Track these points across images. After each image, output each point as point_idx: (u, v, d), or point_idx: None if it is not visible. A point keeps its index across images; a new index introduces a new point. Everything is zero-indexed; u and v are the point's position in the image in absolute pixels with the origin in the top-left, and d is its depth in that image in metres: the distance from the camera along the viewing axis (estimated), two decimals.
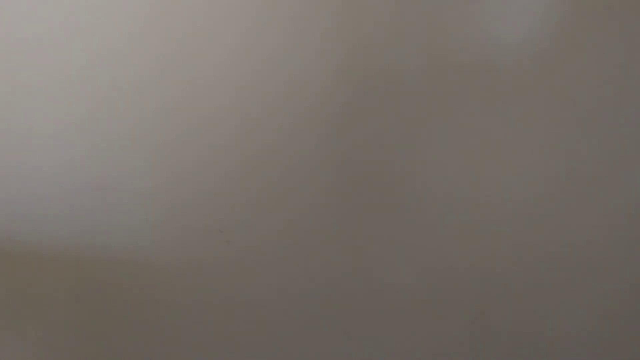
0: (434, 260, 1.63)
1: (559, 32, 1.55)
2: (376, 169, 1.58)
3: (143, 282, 1.57)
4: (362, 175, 1.58)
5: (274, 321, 1.62)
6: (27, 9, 1.44)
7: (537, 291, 1.65)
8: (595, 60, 1.56)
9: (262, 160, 1.55)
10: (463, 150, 1.58)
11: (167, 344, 1.60)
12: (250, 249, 1.58)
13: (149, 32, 1.48)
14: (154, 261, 1.56)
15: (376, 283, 1.63)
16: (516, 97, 1.57)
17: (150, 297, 1.58)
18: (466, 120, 1.57)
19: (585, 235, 1.63)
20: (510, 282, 1.64)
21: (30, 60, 1.47)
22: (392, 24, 1.52)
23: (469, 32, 1.53)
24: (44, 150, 1.50)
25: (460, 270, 1.63)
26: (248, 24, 1.50)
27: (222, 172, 1.55)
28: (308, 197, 1.57)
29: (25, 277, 1.55)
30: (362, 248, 1.61)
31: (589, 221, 1.62)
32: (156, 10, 1.47)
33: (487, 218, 1.62)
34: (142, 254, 1.56)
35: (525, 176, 1.60)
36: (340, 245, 1.60)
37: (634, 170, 1.60)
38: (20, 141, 1.49)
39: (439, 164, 1.58)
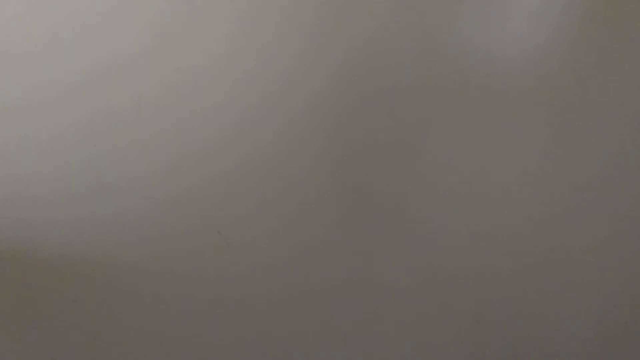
0: (433, 264, 1.63)
1: (557, 34, 1.55)
2: (376, 173, 1.58)
3: (142, 284, 1.58)
4: (363, 179, 1.58)
5: (274, 324, 1.62)
6: (31, 14, 1.44)
7: (537, 295, 1.65)
8: (594, 62, 1.56)
9: (262, 163, 1.55)
10: (462, 154, 1.58)
11: (167, 346, 1.61)
12: (249, 251, 1.58)
13: (150, 37, 1.48)
14: (153, 263, 1.57)
15: (376, 286, 1.63)
16: (515, 100, 1.56)
17: (149, 299, 1.59)
18: (466, 123, 1.57)
19: (584, 240, 1.63)
20: (510, 286, 1.64)
21: (33, 66, 1.47)
22: (391, 27, 1.52)
23: (466, 35, 1.53)
24: (44, 154, 1.50)
25: (460, 274, 1.63)
26: (248, 26, 1.49)
27: (222, 173, 1.55)
28: (308, 200, 1.58)
29: (25, 279, 1.56)
30: (362, 252, 1.61)
31: (588, 226, 1.62)
32: (158, 14, 1.47)
33: (486, 222, 1.62)
34: (142, 256, 1.56)
35: (525, 181, 1.60)
36: (340, 249, 1.60)
37: (633, 174, 1.60)
38: (21, 145, 1.50)
39: (438, 168, 1.58)
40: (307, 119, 1.54)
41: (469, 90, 1.55)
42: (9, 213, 1.52)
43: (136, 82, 1.49)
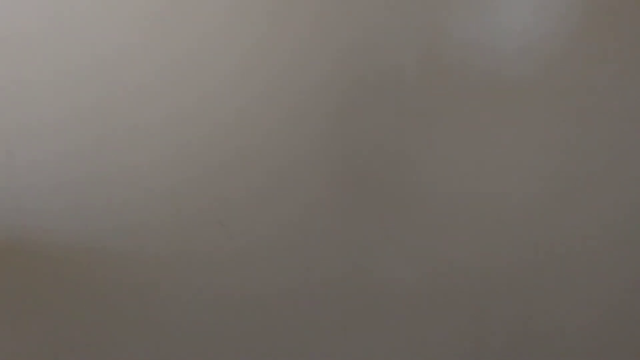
0: (434, 257, 1.63)
1: (558, 31, 1.55)
2: (378, 166, 1.58)
3: (142, 275, 1.57)
4: (364, 171, 1.58)
5: (273, 317, 1.62)
6: (29, 1, 1.44)
7: (538, 290, 1.65)
8: (595, 59, 1.56)
9: (263, 153, 1.55)
10: (463, 148, 1.58)
11: (167, 338, 1.60)
12: (250, 242, 1.58)
13: (153, 28, 1.48)
14: (153, 254, 1.56)
15: (377, 280, 1.63)
16: (518, 95, 1.57)
17: (149, 290, 1.58)
18: (468, 117, 1.57)
19: (585, 235, 1.63)
20: (511, 280, 1.64)
21: (30, 54, 1.47)
22: (393, 20, 1.52)
23: (469, 29, 1.53)
24: (42, 144, 1.50)
25: (461, 268, 1.63)
26: (249, 15, 1.49)
27: (223, 163, 1.54)
28: (309, 191, 1.57)
29: (22, 269, 1.55)
30: (364, 245, 1.61)
31: (589, 221, 1.63)
32: (160, 7, 1.47)
33: (487, 216, 1.62)
34: (141, 247, 1.56)
35: (526, 175, 1.60)
36: (341, 241, 1.60)
37: (634, 169, 1.60)
38: (18, 134, 1.49)
39: (439, 162, 1.58)
40: (309, 110, 1.54)
41: (471, 85, 1.56)
42: (6, 202, 1.51)
43: (135, 71, 1.49)
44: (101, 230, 1.54)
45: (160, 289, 1.58)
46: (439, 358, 1.66)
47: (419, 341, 1.66)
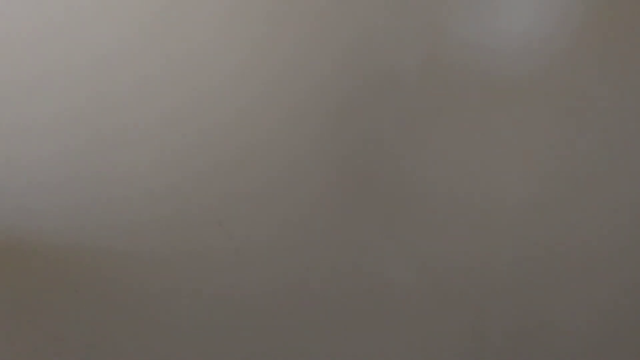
0: (434, 257, 1.63)
1: (558, 31, 1.55)
2: (377, 165, 1.58)
3: (141, 275, 1.57)
4: (364, 171, 1.58)
5: (273, 317, 1.62)
6: (31, 2, 1.44)
7: (537, 290, 1.65)
8: (595, 59, 1.56)
9: (263, 154, 1.55)
10: (463, 148, 1.58)
11: (167, 337, 1.60)
12: (250, 243, 1.58)
13: (152, 28, 1.48)
14: (153, 254, 1.56)
15: (377, 279, 1.63)
16: (518, 95, 1.57)
17: (148, 290, 1.58)
18: (466, 118, 1.57)
19: (585, 235, 1.63)
20: (511, 280, 1.64)
21: (30, 51, 1.46)
22: (394, 20, 1.52)
23: (470, 30, 1.53)
24: (42, 141, 1.50)
25: (461, 268, 1.63)
26: (249, 15, 1.49)
27: (223, 163, 1.54)
28: (309, 191, 1.57)
29: (23, 269, 1.55)
30: (364, 245, 1.61)
31: (589, 221, 1.63)
32: (160, 7, 1.47)
33: (486, 216, 1.61)
34: (141, 247, 1.55)
35: (526, 175, 1.60)
36: (341, 241, 1.60)
37: (634, 169, 1.60)
38: (18, 131, 1.49)
39: (439, 162, 1.58)
40: (309, 110, 1.54)
41: (472, 85, 1.56)
42: (6, 202, 1.51)
43: (135, 70, 1.49)
44: (101, 230, 1.54)
45: (160, 289, 1.58)
46: (439, 358, 1.66)
47: (419, 341, 1.66)
